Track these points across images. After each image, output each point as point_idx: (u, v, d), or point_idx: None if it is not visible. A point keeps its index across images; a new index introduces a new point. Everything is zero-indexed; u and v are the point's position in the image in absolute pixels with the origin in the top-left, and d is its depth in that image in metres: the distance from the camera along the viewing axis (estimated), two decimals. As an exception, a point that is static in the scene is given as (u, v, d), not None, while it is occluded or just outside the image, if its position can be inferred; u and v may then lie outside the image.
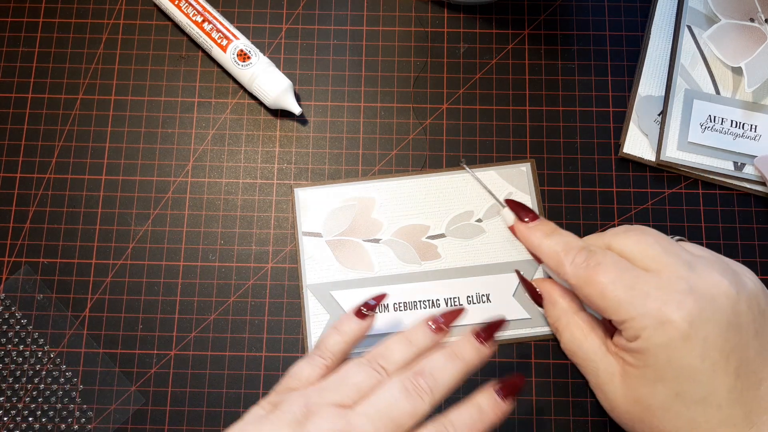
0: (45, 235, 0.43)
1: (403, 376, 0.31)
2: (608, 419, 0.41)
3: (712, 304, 0.31)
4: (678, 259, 0.33)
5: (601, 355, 0.35)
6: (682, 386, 0.31)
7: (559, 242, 0.36)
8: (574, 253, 0.35)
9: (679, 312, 0.31)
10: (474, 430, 0.30)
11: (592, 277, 0.33)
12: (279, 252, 0.43)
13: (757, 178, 0.43)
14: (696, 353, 0.31)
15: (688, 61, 0.45)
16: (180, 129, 0.45)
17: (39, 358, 0.42)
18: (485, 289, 0.42)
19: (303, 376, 0.33)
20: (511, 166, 0.44)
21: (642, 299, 0.32)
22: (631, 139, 0.44)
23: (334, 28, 0.47)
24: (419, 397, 0.30)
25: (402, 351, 0.32)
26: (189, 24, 0.44)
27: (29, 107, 0.45)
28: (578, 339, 0.36)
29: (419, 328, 0.34)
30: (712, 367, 0.31)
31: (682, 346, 0.31)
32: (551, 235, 0.36)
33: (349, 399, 0.30)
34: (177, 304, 0.42)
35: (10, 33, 0.47)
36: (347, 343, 0.34)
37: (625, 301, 0.32)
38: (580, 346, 0.35)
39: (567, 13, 0.47)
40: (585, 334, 0.35)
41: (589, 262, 0.34)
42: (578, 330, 0.36)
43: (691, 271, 0.32)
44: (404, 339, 0.33)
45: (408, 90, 0.46)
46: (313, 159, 0.45)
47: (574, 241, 0.36)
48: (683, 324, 0.31)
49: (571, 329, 0.36)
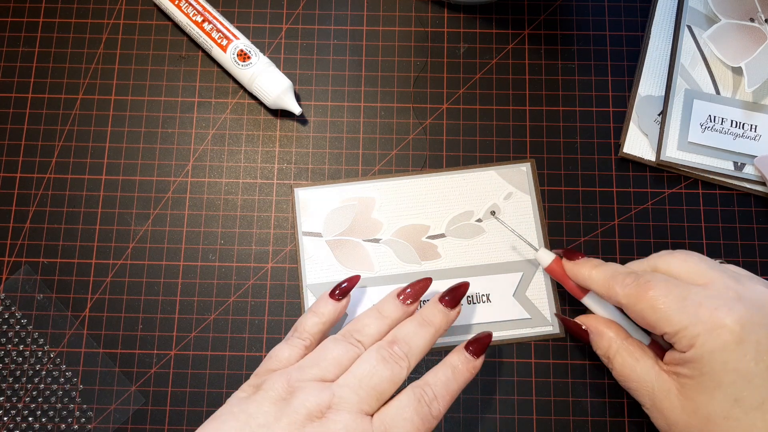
0: (45, 235, 0.43)
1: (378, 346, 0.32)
2: (608, 419, 0.41)
3: (762, 311, 0.32)
4: (724, 273, 0.34)
5: (655, 375, 0.35)
6: (740, 391, 0.31)
7: (608, 270, 0.37)
8: (623, 277, 0.36)
9: (731, 316, 0.32)
10: (449, 387, 0.32)
11: (643, 293, 0.34)
12: (279, 252, 0.43)
13: (757, 178, 0.43)
14: (750, 356, 0.31)
15: (688, 61, 0.45)
16: (180, 129, 0.45)
17: (39, 357, 0.42)
18: (485, 289, 0.42)
19: (283, 358, 0.34)
20: (511, 166, 0.44)
21: (694, 308, 0.32)
22: (631, 139, 0.44)
23: (334, 28, 0.47)
24: (396, 364, 0.31)
25: (376, 324, 0.34)
26: (189, 24, 0.44)
27: (29, 107, 0.45)
28: (630, 363, 0.36)
29: (389, 300, 0.35)
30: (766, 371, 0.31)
31: (736, 350, 0.31)
32: (599, 267, 0.37)
33: (330, 373, 0.31)
34: (177, 304, 0.42)
35: (10, 33, 0.47)
36: (324, 324, 0.36)
37: (677, 310, 0.33)
38: (633, 369, 0.36)
39: (567, 13, 0.47)
40: (636, 358, 0.36)
41: (639, 281, 0.35)
42: (629, 355, 0.36)
43: (738, 283, 0.33)
44: (376, 313, 0.35)
45: (408, 90, 0.46)
46: (313, 159, 0.45)
47: (622, 268, 0.37)
48: (736, 327, 0.31)
49: (622, 355, 0.36)
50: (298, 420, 0.29)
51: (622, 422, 0.40)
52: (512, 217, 0.43)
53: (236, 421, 0.30)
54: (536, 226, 0.43)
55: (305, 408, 0.30)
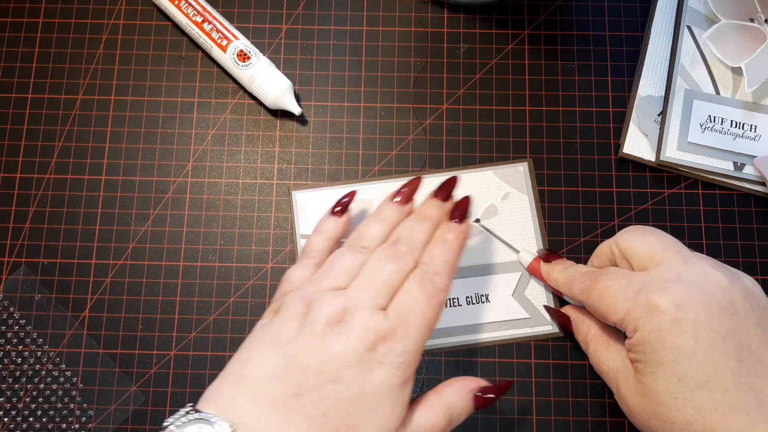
0: (45, 235, 0.43)
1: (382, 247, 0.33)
2: (608, 419, 0.41)
3: (701, 289, 0.33)
4: (676, 255, 0.35)
5: (620, 361, 0.36)
6: (682, 369, 0.32)
7: (569, 271, 0.39)
8: (580, 276, 0.38)
9: (665, 297, 0.33)
10: (446, 259, 0.33)
11: (593, 285, 0.36)
12: (279, 252, 0.43)
13: (757, 178, 0.43)
14: (688, 334, 0.32)
15: (688, 61, 0.45)
16: (180, 129, 0.45)
17: (38, 358, 0.42)
18: (484, 289, 0.42)
19: (295, 278, 0.34)
20: (509, 166, 0.44)
21: (634, 293, 0.34)
22: (631, 139, 0.44)
23: (334, 28, 0.47)
24: (402, 259, 0.32)
25: (376, 228, 0.35)
26: (189, 24, 0.44)
27: (29, 107, 0.45)
28: (600, 349, 0.38)
29: (386, 205, 0.36)
30: (708, 348, 0.32)
31: (673, 328, 0.32)
32: (566, 269, 0.39)
33: (341, 281, 0.32)
34: (177, 305, 0.42)
35: (10, 33, 0.47)
36: (330, 240, 0.37)
37: (621, 298, 0.34)
38: (602, 355, 0.37)
39: (567, 13, 0.47)
40: (607, 345, 0.37)
41: (591, 277, 0.37)
42: (603, 341, 0.38)
43: (684, 264, 0.34)
44: (376, 218, 0.35)
45: (408, 90, 0.46)
46: (313, 159, 0.45)
47: (583, 268, 0.39)
48: (669, 307, 0.32)
49: (596, 340, 0.38)
50: (317, 329, 0.30)
51: (622, 422, 0.40)
52: (510, 217, 0.43)
53: (261, 344, 0.31)
54: (534, 226, 0.43)
55: (323, 316, 0.30)
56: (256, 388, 0.29)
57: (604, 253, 0.39)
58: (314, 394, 0.29)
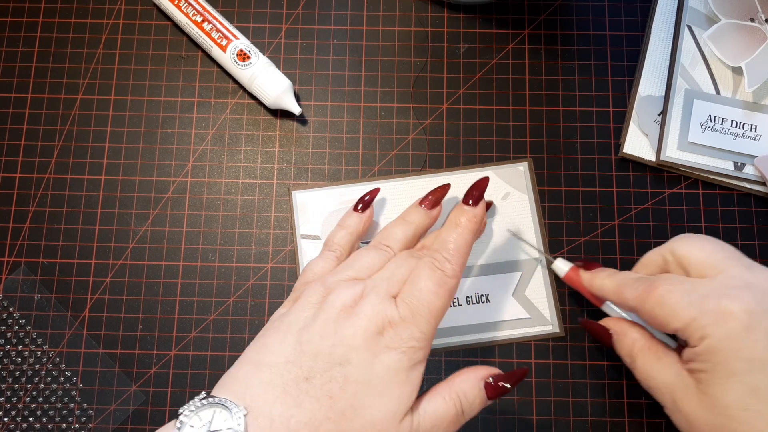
0: (44, 235, 0.43)
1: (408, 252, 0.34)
2: (608, 419, 0.41)
3: None
4: (738, 262, 0.34)
5: (676, 373, 0.34)
6: (756, 380, 0.31)
7: (619, 278, 0.37)
8: (632, 281, 0.36)
9: (737, 304, 0.31)
10: (458, 244, 0.33)
11: (651, 291, 0.34)
12: (279, 252, 0.43)
13: (757, 178, 0.43)
14: (762, 344, 0.31)
15: (688, 61, 0.45)
16: (180, 129, 0.45)
17: (38, 358, 0.42)
18: (484, 289, 0.42)
19: (317, 270, 0.35)
20: (509, 166, 0.44)
21: (699, 300, 0.32)
22: (631, 139, 0.44)
23: (334, 28, 0.47)
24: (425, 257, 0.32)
25: (401, 229, 0.36)
26: (189, 24, 0.44)
27: (29, 107, 0.45)
28: (649, 363, 0.35)
29: (413, 209, 0.37)
30: None
31: (746, 337, 0.31)
32: (612, 276, 0.38)
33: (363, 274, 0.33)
34: (177, 305, 0.42)
35: (10, 33, 0.46)
36: (352, 235, 0.38)
37: (685, 303, 0.33)
38: (652, 369, 0.35)
39: (567, 13, 0.47)
40: (657, 358, 0.35)
41: (646, 283, 0.35)
42: (652, 354, 0.36)
43: (749, 271, 0.33)
44: (402, 221, 0.36)
45: (408, 90, 0.46)
46: (313, 159, 0.45)
47: (633, 274, 0.37)
48: (742, 314, 0.31)
49: (644, 353, 0.36)
50: (332, 315, 0.31)
51: (622, 422, 0.40)
52: (510, 217, 0.43)
53: (278, 332, 0.31)
54: (534, 226, 0.43)
55: (340, 301, 0.31)
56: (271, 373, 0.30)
57: (653, 261, 0.37)
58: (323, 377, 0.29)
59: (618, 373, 0.41)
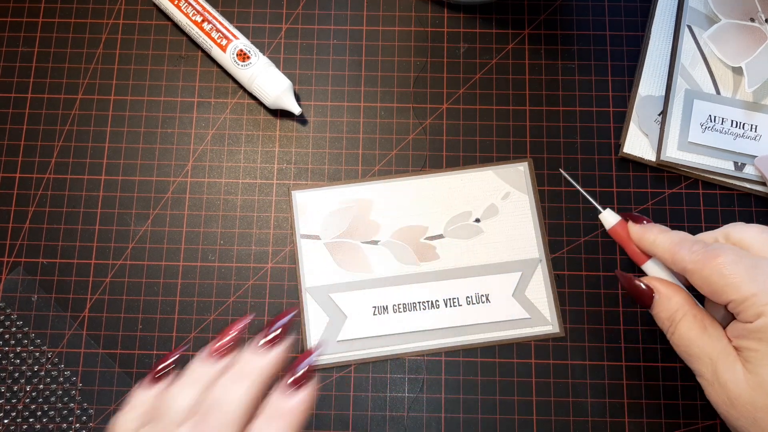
0: (44, 235, 0.43)
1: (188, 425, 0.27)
2: (608, 419, 0.40)
3: None
4: None
5: (722, 346, 0.33)
6: None
7: (675, 236, 0.35)
8: (690, 243, 0.34)
9: None
10: None
11: (712, 258, 0.33)
12: (279, 252, 0.43)
13: (758, 178, 0.43)
14: None
15: (688, 61, 0.45)
16: (179, 129, 0.45)
17: (37, 358, 0.42)
18: (484, 290, 0.42)
19: None
20: (509, 166, 0.44)
21: (764, 277, 0.31)
22: (631, 139, 0.44)
23: (334, 27, 0.47)
24: None
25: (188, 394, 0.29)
26: (188, 24, 0.44)
27: (29, 107, 0.45)
28: (693, 331, 0.34)
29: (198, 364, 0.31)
30: None
31: None
32: (666, 232, 0.36)
33: None
34: (176, 305, 0.42)
35: (10, 33, 0.46)
36: None
37: (747, 278, 0.32)
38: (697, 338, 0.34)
39: (567, 13, 0.47)
40: (705, 326, 0.34)
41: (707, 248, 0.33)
42: (697, 321, 0.34)
43: None
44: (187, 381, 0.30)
45: (408, 90, 0.46)
46: (313, 159, 0.45)
47: (689, 236, 0.35)
48: None
49: (689, 320, 0.34)
50: None
51: (622, 422, 0.40)
52: (510, 217, 0.43)
53: None
54: (534, 226, 0.43)
55: None
56: None
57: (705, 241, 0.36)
58: None
59: (618, 373, 0.41)
